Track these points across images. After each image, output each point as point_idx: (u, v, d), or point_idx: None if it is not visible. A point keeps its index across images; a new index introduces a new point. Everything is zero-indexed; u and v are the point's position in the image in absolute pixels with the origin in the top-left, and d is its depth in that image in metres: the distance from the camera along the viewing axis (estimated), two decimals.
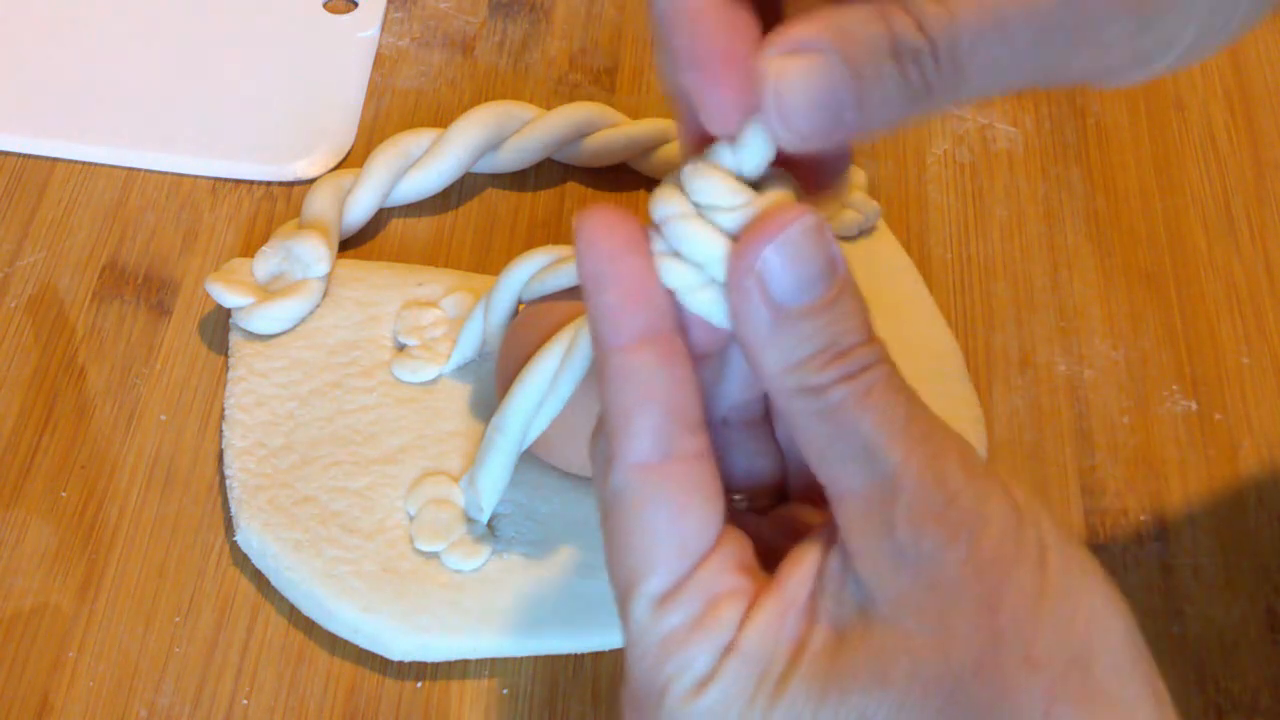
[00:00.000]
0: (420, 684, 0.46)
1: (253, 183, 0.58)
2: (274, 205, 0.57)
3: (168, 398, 0.52)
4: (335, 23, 0.62)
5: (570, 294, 0.47)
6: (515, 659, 0.47)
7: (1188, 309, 0.56)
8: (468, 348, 0.51)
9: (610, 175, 0.58)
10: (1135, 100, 0.62)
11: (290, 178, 0.58)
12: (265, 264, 0.53)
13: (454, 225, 0.57)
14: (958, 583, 0.29)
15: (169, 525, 0.49)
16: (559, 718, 0.46)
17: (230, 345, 0.52)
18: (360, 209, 0.55)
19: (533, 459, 0.48)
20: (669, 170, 0.57)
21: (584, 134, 0.58)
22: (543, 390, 0.45)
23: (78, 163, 0.58)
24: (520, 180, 0.58)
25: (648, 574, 0.31)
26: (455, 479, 0.48)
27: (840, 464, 0.30)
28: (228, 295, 0.52)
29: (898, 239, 0.56)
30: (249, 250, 0.55)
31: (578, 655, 0.47)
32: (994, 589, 0.29)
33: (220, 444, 0.50)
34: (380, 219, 0.57)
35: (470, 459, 0.49)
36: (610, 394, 0.31)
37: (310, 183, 0.57)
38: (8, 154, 0.58)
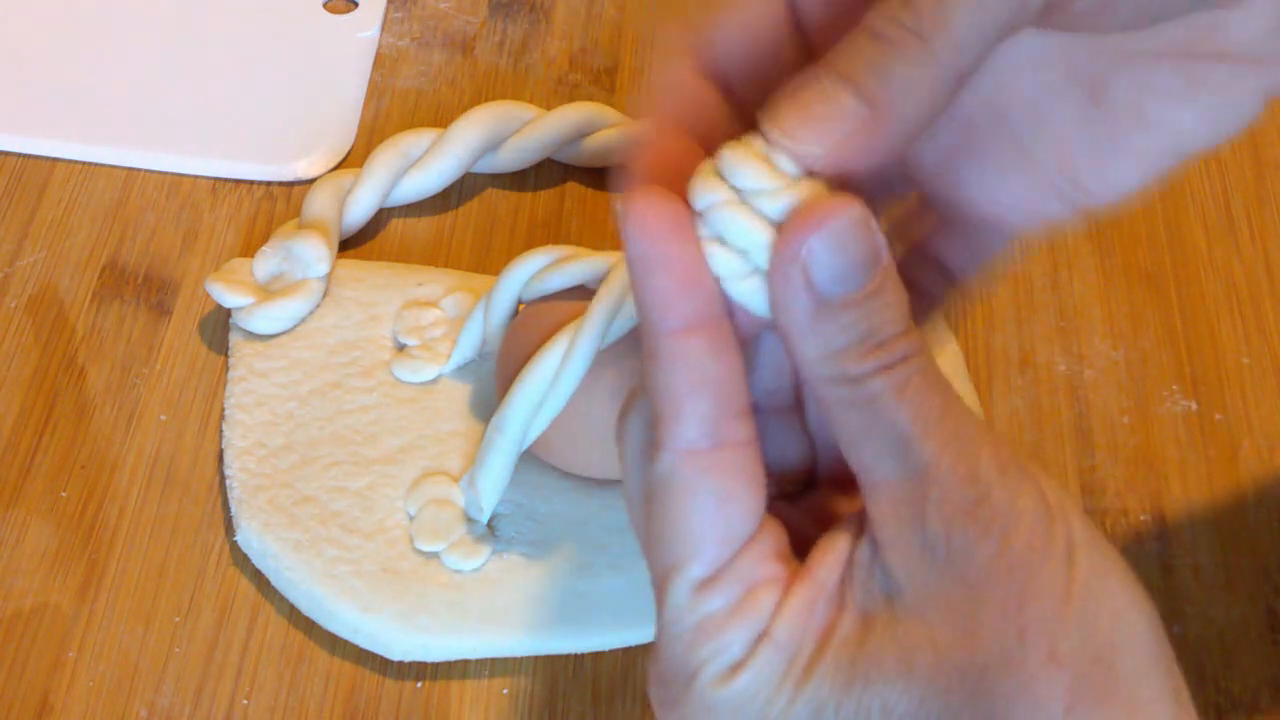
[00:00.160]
0: (420, 684, 0.46)
1: (253, 183, 0.58)
2: (274, 205, 0.57)
3: (168, 398, 0.52)
4: (335, 23, 0.62)
5: (570, 294, 0.47)
6: (515, 659, 0.47)
7: (1188, 309, 0.56)
8: (468, 348, 0.51)
9: (610, 175, 0.58)
10: None
11: (290, 178, 0.58)
12: (265, 264, 0.53)
13: (454, 225, 0.57)
14: (986, 578, 0.30)
15: (169, 525, 0.49)
16: (559, 718, 0.46)
17: (230, 345, 0.52)
18: (360, 209, 0.55)
19: (533, 459, 0.48)
20: None
21: (584, 134, 0.58)
22: (543, 390, 0.45)
23: (78, 163, 0.58)
24: (520, 180, 0.58)
25: (690, 559, 0.31)
26: (455, 479, 0.48)
27: (874, 455, 0.30)
28: (228, 295, 0.52)
29: None
30: (249, 250, 0.55)
31: (578, 655, 0.47)
32: (1022, 586, 0.30)
33: (220, 444, 0.50)
34: (380, 219, 0.57)
35: (470, 459, 0.49)
36: (660, 379, 0.31)
37: (310, 183, 0.57)
38: (8, 154, 0.58)
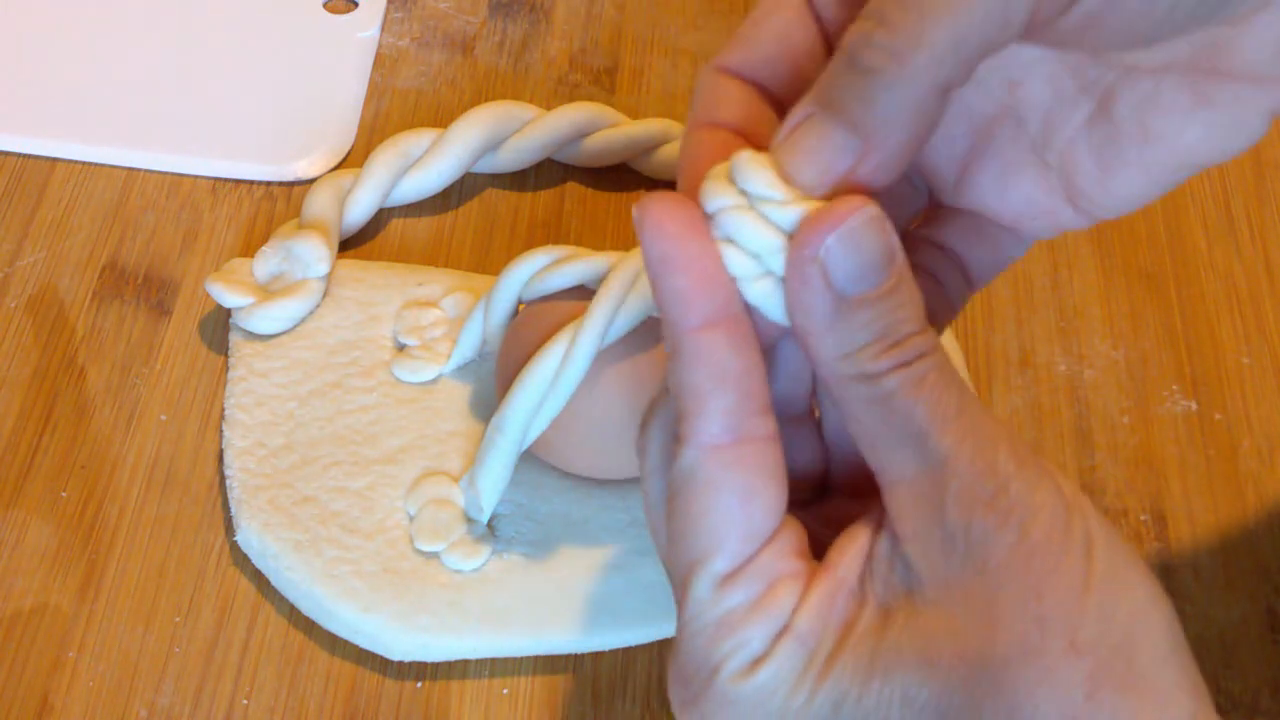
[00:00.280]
0: (420, 684, 0.46)
1: (253, 183, 0.58)
2: (274, 205, 0.57)
3: (168, 398, 0.52)
4: (335, 23, 0.62)
5: (570, 294, 0.47)
6: (515, 659, 0.47)
7: (1188, 309, 0.56)
8: (468, 348, 0.51)
9: (610, 175, 0.58)
10: None
11: (290, 178, 0.58)
12: (265, 264, 0.53)
13: (454, 225, 0.57)
14: (1006, 568, 0.30)
15: (169, 525, 0.49)
16: (559, 718, 0.46)
17: (230, 345, 0.52)
18: (360, 209, 0.55)
19: (533, 459, 0.48)
20: (669, 170, 0.57)
21: (584, 134, 0.58)
22: (543, 390, 0.45)
23: (78, 163, 0.58)
24: (520, 180, 0.58)
25: (713, 554, 0.32)
26: (455, 479, 0.48)
27: (892, 450, 0.31)
28: (228, 295, 0.52)
29: None
30: (249, 250, 0.55)
31: (578, 655, 0.47)
32: (1041, 576, 0.30)
33: (220, 444, 0.50)
34: (380, 219, 0.57)
35: (470, 459, 0.49)
36: (683, 375, 0.31)
37: (310, 183, 0.57)
38: (8, 154, 0.58)
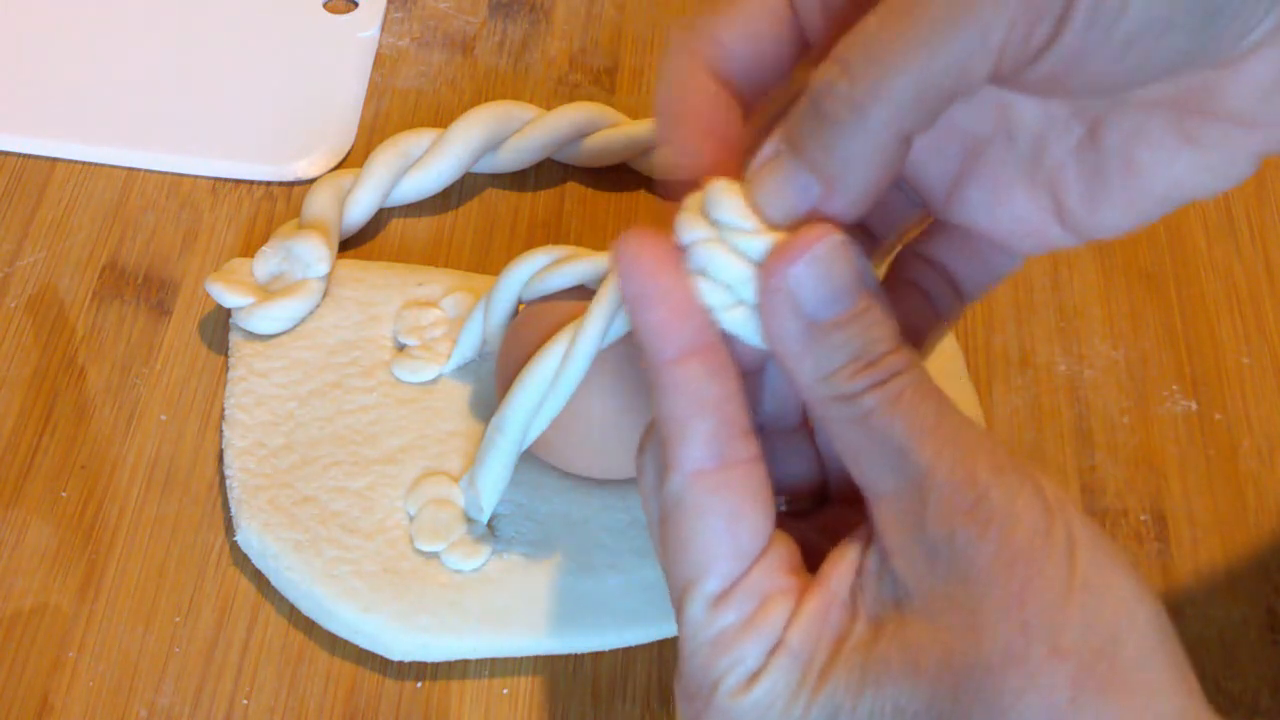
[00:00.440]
0: (420, 684, 0.46)
1: (253, 183, 0.58)
2: (274, 205, 0.57)
3: (168, 398, 0.52)
4: (335, 23, 0.62)
5: (570, 294, 0.47)
6: (515, 659, 0.47)
7: (1188, 309, 0.56)
8: (468, 348, 0.51)
9: (610, 175, 0.58)
10: None
11: (290, 178, 0.58)
12: (265, 264, 0.53)
13: (454, 225, 0.57)
14: (988, 576, 0.31)
15: (169, 525, 0.49)
16: (559, 718, 0.46)
17: (230, 345, 0.52)
18: (360, 209, 0.55)
19: (533, 459, 0.48)
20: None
21: (584, 134, 0.58)
22: (543, 390, 0.45)
23: (78, 163, 0.58)
24: (520, 180, 0.58)
25: (704, 575, 0.33)
26: (455, 479, 0.48)
27: (874, 466, 0.32)
28: (228, 295, 0.52)
29: None
30: (249, 250, 0.55)
31: (578, 655, 0.47)
32: (1024, 582, 0.30)
33: (220, 444, 0.50)
34: (380, 219, 0.57)
35: (470, 459, 0.49)
36: (664, 405, 0.33)
37: (310, 183, 0.57)
38: (8, 154, 0.58)
